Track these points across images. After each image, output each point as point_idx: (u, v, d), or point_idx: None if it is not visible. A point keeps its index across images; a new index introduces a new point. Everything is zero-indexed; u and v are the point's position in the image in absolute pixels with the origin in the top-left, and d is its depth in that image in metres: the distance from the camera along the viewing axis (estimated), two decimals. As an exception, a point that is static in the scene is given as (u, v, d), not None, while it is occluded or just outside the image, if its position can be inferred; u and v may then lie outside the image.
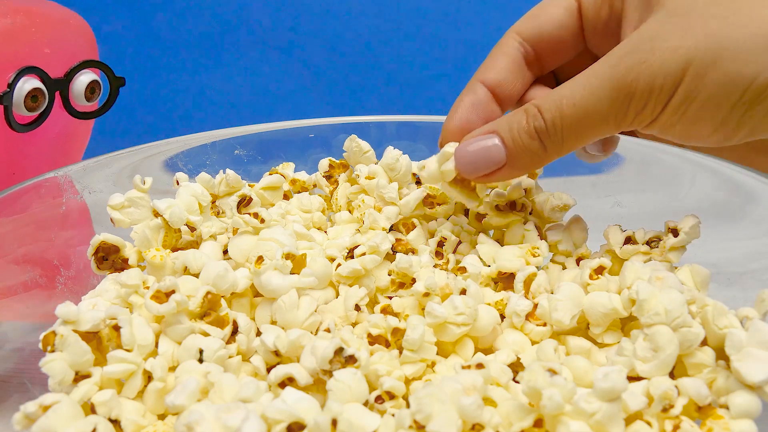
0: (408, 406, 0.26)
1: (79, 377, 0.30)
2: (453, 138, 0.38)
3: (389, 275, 0.37)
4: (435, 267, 0.39)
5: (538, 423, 0.26)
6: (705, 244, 0.37)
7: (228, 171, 0.41)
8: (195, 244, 0.39)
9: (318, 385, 0.30)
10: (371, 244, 0.37)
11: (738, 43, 0.32)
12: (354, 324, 0.35)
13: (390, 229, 0.41)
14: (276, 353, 0.31)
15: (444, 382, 0.26)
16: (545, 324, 0.34)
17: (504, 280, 0.38)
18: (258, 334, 0.34)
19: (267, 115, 1.09)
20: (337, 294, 0.37)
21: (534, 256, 0.38)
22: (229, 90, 1.08)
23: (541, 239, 0.39)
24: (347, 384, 0.28)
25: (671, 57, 0.32)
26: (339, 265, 0.37)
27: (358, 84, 1.06)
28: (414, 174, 0.44)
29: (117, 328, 0.31)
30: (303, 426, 0.26)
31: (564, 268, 0.39)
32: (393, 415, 0.27)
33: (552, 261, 0.40)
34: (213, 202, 0.41)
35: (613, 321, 0.34)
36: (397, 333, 0.31)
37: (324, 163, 0.45)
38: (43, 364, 0.29)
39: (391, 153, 0.42)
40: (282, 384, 0.29)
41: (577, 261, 0.39)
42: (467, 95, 0.40)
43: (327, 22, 1.04)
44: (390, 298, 0.36)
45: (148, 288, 0.33)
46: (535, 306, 0.34)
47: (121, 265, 0.38)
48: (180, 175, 0.41)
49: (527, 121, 0.35)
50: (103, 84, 0.50)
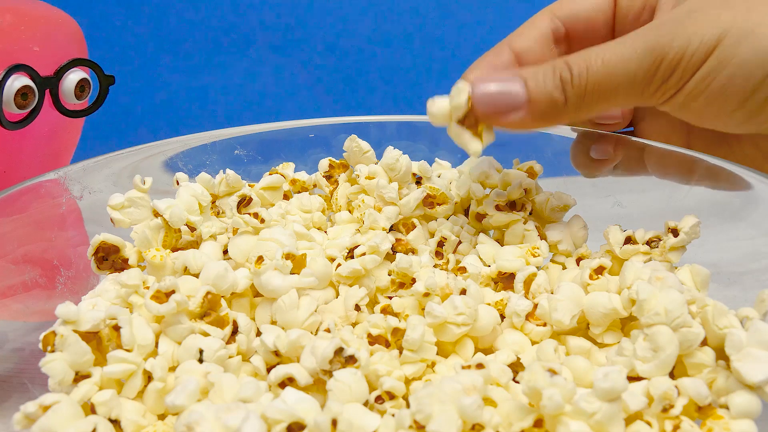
0: (408, 406, 0.26)
1: (79, 377, 0.30)
2: None
3: (389, 275, 0.37)
4: (435, 267, 0.39)
5: (538, 423, 0.26)
6: (705, 244, 0.37)
7: (228, 171, 0.41)
8: (195, 244, 0.39)
9: (318, 385, 0.30)
10: (371, 244, 0.37)
11: None
12: (354, 324, 0.35)
13: (390, 229, 0.41)
14: (276, 353, 0.31)
15: (444, 382, 0.26)
16: (545, 324, 0.34)
17: (504, 280, 0.38)
18: (258, 334, 0.34)
19: (267, 115, 1.09)
20: (337, 294, 0.37)
21: (534, 256, 0.38)
22: (229, 90, 1.08)
23: (541, 239, 0.39)
24: (347, 384, 0.28)
25: (708, 25, 0.33)
26: (339, 265, 0.37)
27: (358, 84, 1.06)
28: (414, 174, 0.44)
29: (117, 328, 0.31)
30: (303, 426, 0.26)
31: (564, 268, 0.39)
32: (393, 415, 0.27)
33: (552, 261, 0.40)
34: (213, 202, 0.41)
35: (613, 321, 0.34)
36: (397, 333, 0.31)
37: (324, 163, 0.45)
38: (43, 364, 0.29)
39: (391, 153, 0.42)
40: (282, 384, 0.29)
41: (577, 261, 0.39)
42: (491, 55, 0.40)
43: (327, 22, 1.04)
44: (390, 298, 0.36)
45: (148, 288, 0.33)
46: (535, 306, 0.34)
47: (121, 265, 0.38)
48: (180, 175, 0.41)
49: (553, 71, 0.35)
50: (93, 83, 0.50)
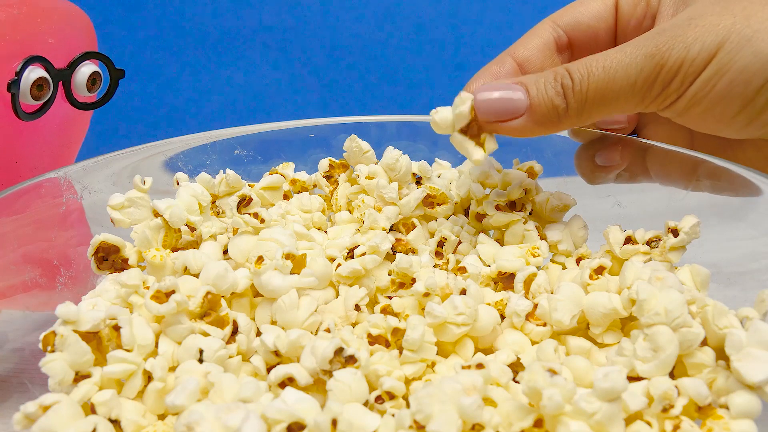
0: (408, 406, 0.26)
1: (79, 377, 0.30)
2: None
3: (389, 275, 0.37)
4: (435, 267, 0.39)
5: (538, 423, 0.26)
6: (705, 244, 0.37)
7: (228, 171, 0.41)
8: (195, 244, 0.39)
9: (318, 385, 0.30)
10: (371, 244, 0.37)
11: None
12: (354, 324, 0.35)
13: (390, 229, 0.41)
14: (276, 353, 0.31)
15: (444, 382, 0.26)
16: (545, 324, 0.34)
17: (504, 280, 0.38)
18: (258, 334, 0.34)
19: (267, 115, 1.09)
20: (337, 294, 0.37)
21: (534, 256, 0.38)
22: (229, 90, 1.08)
23: (541, 239, 0.39)
24: (347, 384, 0.28)
25: (708, 32, 0.33)
26: (339, 265, 0.37)
27: (358, 84, 1.06)
28: (414, 174, 0.44)
29: (117, 328, 0.31)
30: (303, 426, 0.26)
31: (564, 268, 0.39)
32: (393, 415, 0.27)
33: (552, 261, 0.40)
34: (213, 202, 0.41)
35: (613, 321, 0.34)
36: (397, 333, 0.31)
37: (324, 163, 0.45)
38: (43, 364, 0.29)
39: (391, 153, 0.42)
40: (282, 384, 0.29)
41: (577, 261, 0.39)
42: (494, 65, 0.40)
43: (327, 22, 1.04)
44: (390, 298, 0.36)
45: (148, 288, 0.33)
46: (535, 306, 0.34)
47: (121, 265, 0.38)
48: (180, 175, 0.41)
49: (555, 78, 0.35)
50: (103, 76, 0.50)
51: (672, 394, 0.28)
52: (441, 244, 0.40)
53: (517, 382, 0.30)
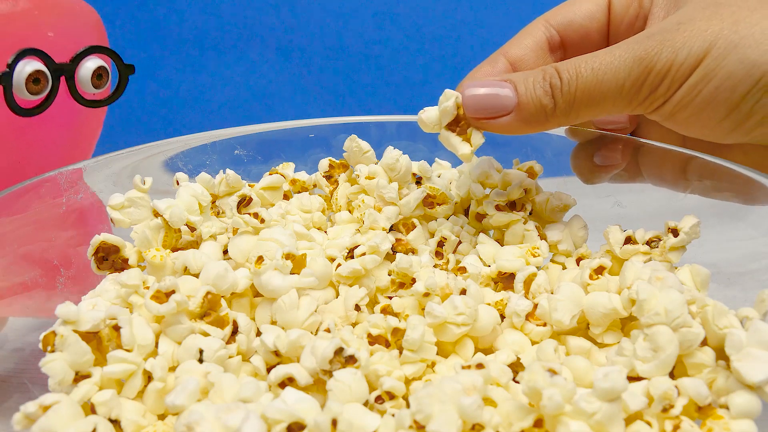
0: (408, 406, 0.26)
1: (79, 377, 0.30)
2: None
3: (389, 275, 0.37)
4: (435, 267, 0.39)
5: (538, 423, 0.26)
6: (705, 244, 0.37)
7: (228, 171, 0.41)
8: (195, 244, 0.39)
9: (318, 385, 0.30)
10: (371, 244, 0.37)
11: (764, 31, 0.33)
12: (354, 324, 0.35)
13: (390, 229, 0.41)
14: (276, 353, 0.31)
15: (444, 382, 0.26)
16: (545, 324, 0.34)
17: (504, 280, 0.38)
18: (258, 334, 0.34)
19: (267, 115, 1.09)
20: (337, 294, 0.37)
21: (534, 256, 0.38)
22: (229, 90, 1.08)
23: (541, 239, 0.39)
24: (347, 384, 0.28)
25: (696, 37, 0.33)
26: (339, 265, 0.37)
27: (358, 84, 1.06)
28: (414, 174, 0.44)
29: (117, 328, 0.31)
30: (303, 426, 0.26)
31: (564, 268, 0.39)
32: (393, 415, 0.27)
33: (552, 261, 0.40)
34: (213, 202, 0.41)
35: (613, 321, 0.34)
36: (397, 333, 0.31)
37: (324, 163, 0.45)
38: (43, 364, 0.29)
39: (391, 153, 0.42)
40: (282, 384, 0.29)
41: (577, 261, 0.39)
42: (487, 65, 0.40)
43: (327, 22, 1.04)
44: (390, 298, 0.36)
45: (148, 288, 0.33)
46: (535, 306, 0.34)
47: (121, 265, 0.38)
48: (180, 175, 0.41)
49: (543, 77, 0.35)
50: (113, 72, 0.49)
51: (672, 394, 0.28)
52: (441, 244, 0.40)
53: (517, 382, 0.30)
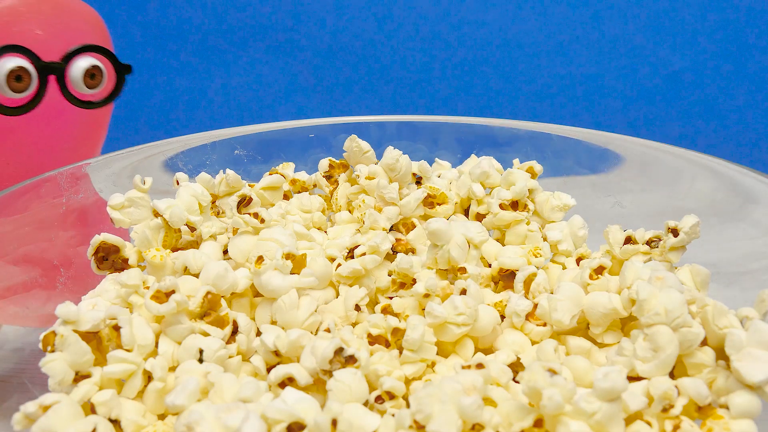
0: (408, 406, 0.27)
1: (79, 377, 0.30)
2: None
3: (389, 275, 0.37)
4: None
5: (538, 423, 0.26)
6: (705, 244, 0.37)
7: (228, 171, 0.41)
8: (195, 244, 0.39)
9: (318, 385, 0.30)
10: (371, 244, 0.37)
11: None
12: (354, 324, 0.35)
13: (390, 229, 0.41)
14: (276, 353, 0.31)
15: (444, 382, 0.26)
16: (545, 324, 0.34)
17: (504, 278, 0.38)
18: (258, 334, 0.34)
19: (267, 115, 1.09)
20: (337, 294, 0.37)
21: (536, 256, 0.38)
22: (229, 90, 1.08)
23: (542, 240, 0.39)
24: (347, 384, 0.28)
25: None
26: (339, 265, 0.37)
27: (358, 84, 1.06)
28: (414, 174, 0.44)
29: (117, 328, 0.31)
30: (303, 426, 0.26)
31: (564, 268, 0.39)
32: (393, 415, 0.27)
33: (552, 261, 0.40)
34: (213, 202, 0.41)
35: (613, 321, 0.34)
36: (397, 333, 0.31)
37: (324, 163, 0.45)
38: (43, 364, 0.29)
39: (391, 153, 0.42)
40: (282, 384, 0.29)
41: (577, 261, 0.39)
42: None
43: (327, 22, 1.04)
44: (390, 298, 0.36)
45: (148, 288, 0.33)
46: (535, 306, 0.34)
47: (121, 265, 0.38)
48: (180, 175, 0.41)
49: None
50: (106, 72, 0.48)
51: (672, 394, 0.28)
52: (441, 244, 0.40)
53: (517, 382, 0.30)
